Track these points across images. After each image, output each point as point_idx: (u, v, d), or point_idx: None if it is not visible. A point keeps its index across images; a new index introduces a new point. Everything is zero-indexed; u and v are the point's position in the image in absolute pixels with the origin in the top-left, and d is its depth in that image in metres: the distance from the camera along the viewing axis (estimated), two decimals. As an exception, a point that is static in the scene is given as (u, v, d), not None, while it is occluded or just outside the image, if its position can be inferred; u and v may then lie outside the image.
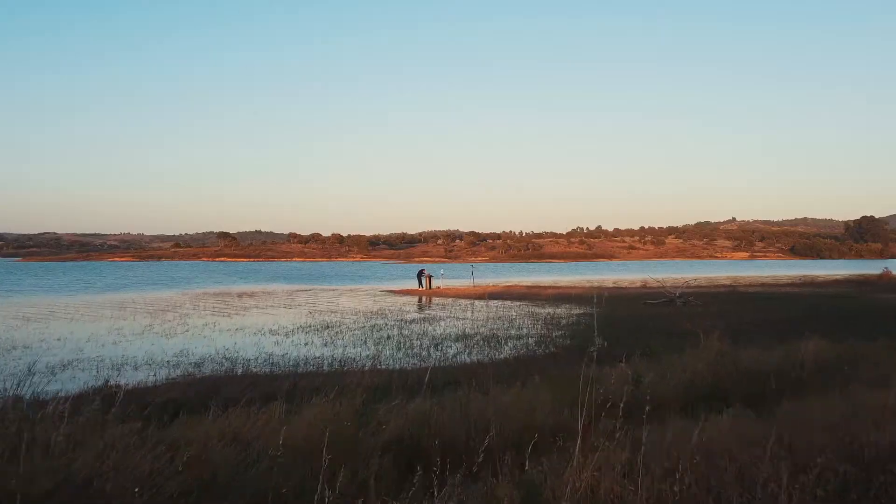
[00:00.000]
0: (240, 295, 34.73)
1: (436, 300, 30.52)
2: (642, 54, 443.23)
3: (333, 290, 40.79)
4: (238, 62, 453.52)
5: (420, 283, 38.35)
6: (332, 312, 23.62)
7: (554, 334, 16.59)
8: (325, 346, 15.05)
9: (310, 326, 18.91)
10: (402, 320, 20.61)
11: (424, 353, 13.85)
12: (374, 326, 18.83)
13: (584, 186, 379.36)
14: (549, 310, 24.14)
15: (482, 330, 17.79)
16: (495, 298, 30.50)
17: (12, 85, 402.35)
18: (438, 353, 13.70)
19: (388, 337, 16.39)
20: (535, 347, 14.39)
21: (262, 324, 19.76)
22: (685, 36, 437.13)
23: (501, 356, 13.21)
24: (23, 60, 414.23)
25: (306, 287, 44.37)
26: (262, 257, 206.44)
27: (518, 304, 27.28)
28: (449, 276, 59.01)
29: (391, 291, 37.90)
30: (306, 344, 15.30)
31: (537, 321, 20.01)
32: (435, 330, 17.91)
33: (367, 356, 13.42)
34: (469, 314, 22.61)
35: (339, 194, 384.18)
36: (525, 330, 17.69)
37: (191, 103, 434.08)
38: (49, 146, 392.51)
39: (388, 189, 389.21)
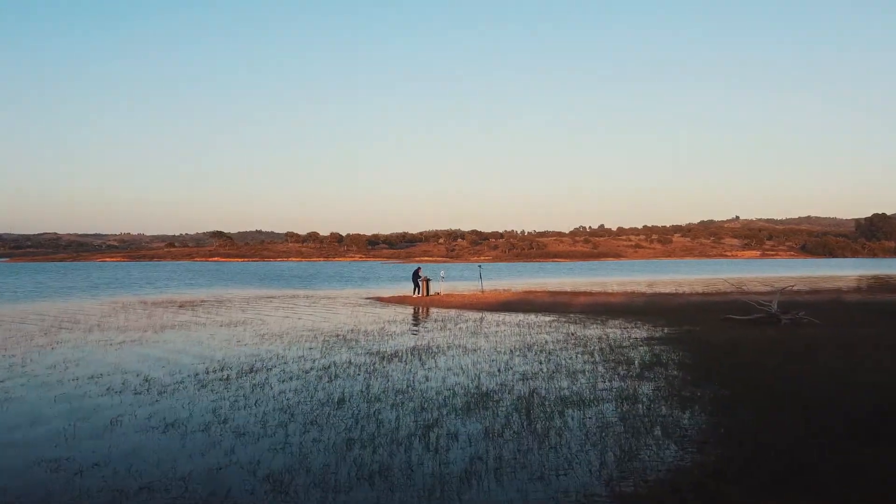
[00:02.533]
0: (181, 305, 27.16)
1: (434, 313, 23.02)
2: (643, 54, 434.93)
3: (308, 296, 33.20)
4: (239, 62, 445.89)
5: (416, 287, 30.74)
6: (278, 337, 16.07)
7: (640, 390, 9.09)
8: (203, 430, 7.48)
9: (221, 370, 11.39)
10: (376, 355, 13.06)
11: (401, 457, 6.34)
12: (326, 370, 11.29)
13: (585, 186, 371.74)
14: (596, 330, 16.64)
15: (509, 379, 10.28)
16: (513, 310, 22.99)
17: (13, 84, 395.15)
18: (431, 462, 6.19)
19: (340, 401, 8.85)
20: (628, 436, 6.87)
21: (151, 361, 12.27)
22: (685, 36, 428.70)
23: (572, 483, 5.67)
24: (28, 60, 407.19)
25: (276, 293, 36.76)
26: (256, 257, 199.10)
27: (547, 319, 19.74)
28: (451, 278, 51.29)
29: (378, 299, 30.27)
30: (170, 426, 7.71)
31: (591, 355, 12.53)
32: (428, 381, 10.36)
33: (264, 481, 5.88)
34: (482, 341, 15.08)
35: (340, 193, 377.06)
36: (583, 378, 10.16)
37: (193, 103, 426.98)
38: (51, 146, 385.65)
39: (389, 188, 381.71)
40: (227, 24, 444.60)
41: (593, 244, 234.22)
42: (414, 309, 24.77)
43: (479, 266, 34.68)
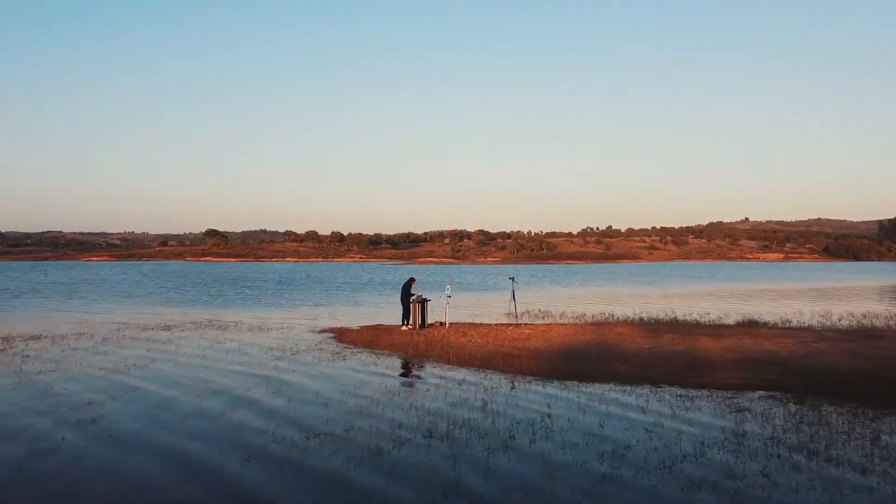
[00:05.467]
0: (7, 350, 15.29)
1: (430, 381, 11.28)
2: (646, 54, 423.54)
3: (236, 323, 21.16)
4: (241, 61, 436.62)
5: (406, 315, 18.79)
6: None
7: None
8: None
9: None
10: None
11: None
12: None
13: (591, 186, 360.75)
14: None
15: None
16: (592, 375, 11.13)
17: (13, 83, 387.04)
18: None
19: None
20: None
21: None
22: (687, 37, 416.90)
23: None
24: (35, 59, 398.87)
25: (195, 315, 24.56)
26: (250, 257, 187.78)
27: (704, 419, 7.95)
28: (459, 288, 39.47)
29: (339, 336, 17.85)
30: None
31: None
32: None
33: None
34: None
35: (343, 192, 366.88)
36: None
37: (196, 103, 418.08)
38: (54, 145, 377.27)
39: (392, 187, 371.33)
40: (231, 25, 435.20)
41: (606, 245, 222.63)
42: (396, 364, 13.06)
43: (513, 280, 22.10)
